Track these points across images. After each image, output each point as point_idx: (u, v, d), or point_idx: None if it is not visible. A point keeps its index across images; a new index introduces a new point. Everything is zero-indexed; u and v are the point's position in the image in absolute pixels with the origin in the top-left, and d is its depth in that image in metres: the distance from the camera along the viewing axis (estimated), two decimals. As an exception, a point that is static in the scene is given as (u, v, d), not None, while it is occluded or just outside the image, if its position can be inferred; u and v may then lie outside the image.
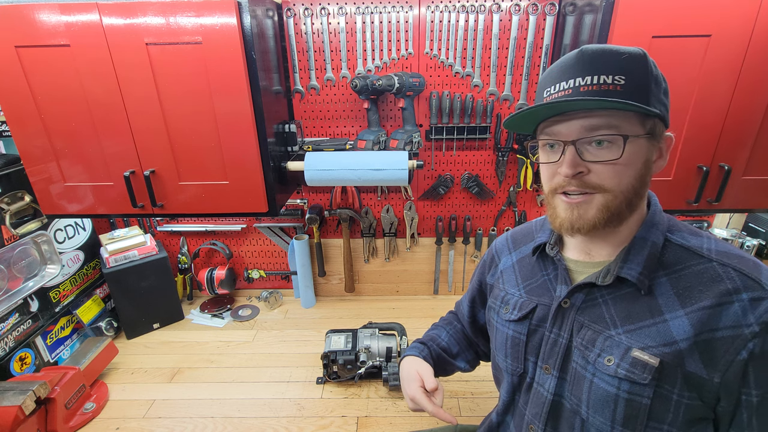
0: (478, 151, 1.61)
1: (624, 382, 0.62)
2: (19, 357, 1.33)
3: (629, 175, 0.62)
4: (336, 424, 1.21)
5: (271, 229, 1.80)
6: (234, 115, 1.18)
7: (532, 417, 0.75)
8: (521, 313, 0.77)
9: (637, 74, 0.59)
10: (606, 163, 0.61)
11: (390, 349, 1.37)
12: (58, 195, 1.29)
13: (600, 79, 0.59)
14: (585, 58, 0.61)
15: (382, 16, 1.43)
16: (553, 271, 0.77)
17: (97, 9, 1.08)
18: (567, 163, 0.62)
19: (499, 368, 0.83)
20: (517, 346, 0.78)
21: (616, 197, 0.62)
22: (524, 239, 0.87)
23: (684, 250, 0.65)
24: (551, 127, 0.65)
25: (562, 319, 0.71)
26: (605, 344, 0.65)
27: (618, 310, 0.66)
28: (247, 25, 1.11)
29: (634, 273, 0.65)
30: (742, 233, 1.77)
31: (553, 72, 0.64)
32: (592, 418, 0.66)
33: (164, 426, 1.22)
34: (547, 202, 0.70)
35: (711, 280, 0.61)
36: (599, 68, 0.59)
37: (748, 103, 1.13)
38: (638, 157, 0.62)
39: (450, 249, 1.79)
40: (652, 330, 0.62)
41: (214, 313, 1.76)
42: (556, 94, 0.63)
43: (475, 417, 1.23)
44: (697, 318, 0.59)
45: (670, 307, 0.62)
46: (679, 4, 1.05)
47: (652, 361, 0.60)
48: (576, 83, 0.61)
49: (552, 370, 0.72)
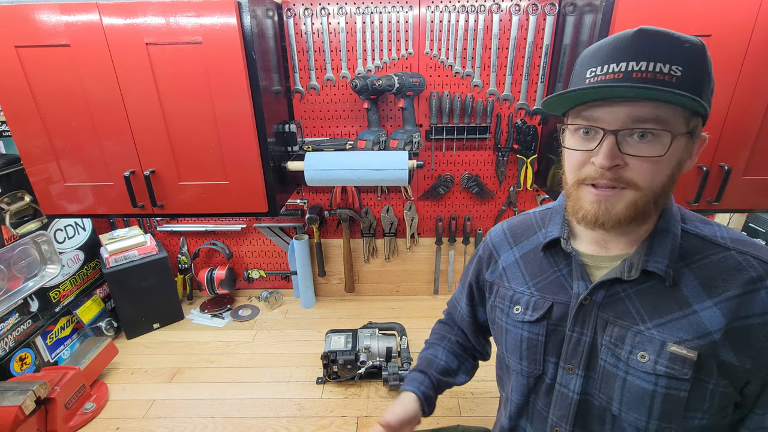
0: (478, 151, 1.61)
1: (662, 378, 0.61)
2: (19, 357, 1.33)
3: (664, 174, 0.59)
4: (336, 424, 1.21)
5: (271, 229, 1.81)
6: (234, 115, 1.18)
7: (558, 419, 0.72)
8: (538, 314, 0.73)
9: (695, 67, 0.55)
10: (646, 159, 0.57)
11: (390, 349, 1.37)
12: (58, 195, 1.29)
13: (656, 67, 0.54)
14: (643, 40, 0.55)
15: (382, 16, 1.43)
16: (566, 266, 0.73)
17: (97, 9, 1.08)
18: (605, 154, 0.57)
19: (509, 369, 0.80)
20: (534, 348, 0.74)
21: (645, 195, 0.59)
22: (525, 233, 0.82)
23: (700, 240, 0.65)
24: (591, 111, 0.59)
25: (584, 317, 0.68)
26: (636, 340, 0.63)
27: (643, 303, 0.64)
28: (247, 25, 1.11)
29: (662, 266, 0.62)
30: (742, 233, 1.77)
31: (602, 50, 0.58)
32: (625, 414, 0.64)
33: (164, 426, 1.22)
34: (569, 193, 0.65)
35: (733, 269, 0.61)
36: (657, 54, 0.54)
37: (748, 103, 1.13)
38: (677, 156, 0.59)
39: (450, 249, 1.79)
40: (684, 322, 0.61)
41: (214, 313, 1.76)
42: (603, 76, 0.57)
43: (475, 417, 1.23)
44: (727, 308, 0.59)
45: (698, 298, 0.61)
46: (679, 4, 1.05)
47: (691, 354, 0.59)
48: (629, 67, 0.55)
49: (576, 370, 0.69)
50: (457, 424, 1.11)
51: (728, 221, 1.79)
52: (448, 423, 1.18)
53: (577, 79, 0.62)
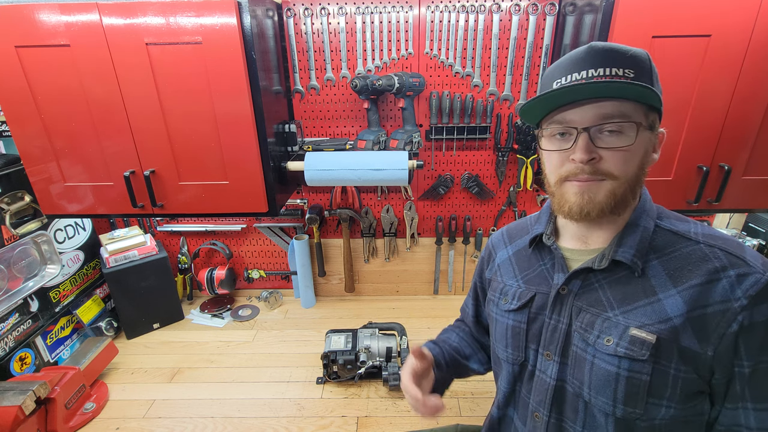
0: (478, 151, 1.61)
1: (624, 360, 0.64)
2: (19, 357, 1.33)
3: (635, 164, 0.65)
4: (336, 424, 1.21)
5: (271, 229, 1.81)
6: (234, 115, 1.18)
7: (537, 404, 0.76)
8: (520, 302, 0.79)
9: (644, 70, 0.63)
10: (618, 150, 0.63)
11: (390, 349, 1.37)
12: (58, 195, 1.29)
13: (612, 71, 0.61)
14: (596, 53, 0.63)
15: (382, 16, 1.43)
16: (550, 260, 0.78)
17: (97, 9, 1.08)
18: (581, 149, 0.64)
19: (499, 359, 0.84)
20: (517, 335, 0.79)
21: (622, 184, 0.65)
22: (520, 233, 0.89)
23: (673, 235, 0.69)
24: (562, 114, 0.66)
25: (561, 305, 0.73)
26: (604, 326, 0.67)
27: (614, 292, 0.68)
28: (247, 25, 1.11)
29: (628, 255, 0.67)
30: (742, 233, 1.77)
31: (562, 65, 0.66)
32: (594, 399, 0.67)
33: (164, 426, 1.22)
34: (553, 192, 0.71)
35: (699, 260, 0.65)
36: (609, 62, 0.62)
37: (748, 103, 1.13)
38: (643, 146, 0.65)
39: (450, 249, 1.79)
40: (648, 309, 0.65)
41: (214, 313, 1.76)
42: (568, 84, 0.64)
43: (475, 417, 1.23)
44: (689, 295, 0.63)
45: (663, 287, 0.65)
46: (679, 4, 1.05)
47: (650, 337, 0.63)
48: (589, 74, 0.62)
49: (553, 356, 0.73)
50: (456, 423, 1.12)
51: (728, 221, 1.79)
52: (447, 423, 1.19)
53: (545, 90, 0.68)
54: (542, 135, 0.71)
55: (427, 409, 0.76)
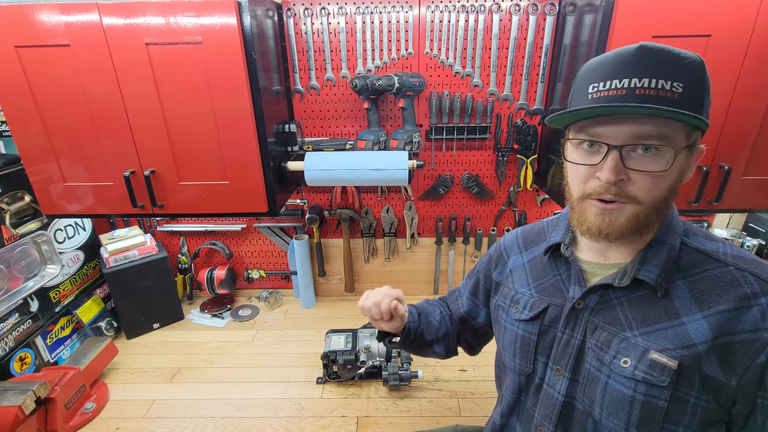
0: (478, 151, 1.61)
1: (641, 384, 0.61)
2: (19, 357, 1.33)
3: (665, 187, 0.60)
4: (336, 424, 1.21)
5: (271, 229, 1.80)
6: (234, 115, 1.18)
7: (542, 419, 0.74)
8: (532, 313, 0.76)
9: (695, 83, 0.57)
10: (649, 174, 0.58)
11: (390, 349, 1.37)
12: (58, 195, 1.29)
13: (659, 84, 0.55)
14: (645, 57, 0.56)
15: (382, 16, 1.43)
16: (565, 271, 0.75)
17: (97, 9, 1.08)
18: (610, 169, 0.58)
19: (505, 367, 0.82)
20: (527, 346, 0.76)
21: (646, 208, 0.61)
22: (536, 239, 0.85)
23: (700, 254, 0.65)
24: (595, 127, 0.60)
25: (575, 320, 0.70)
26: (621, 346, 0.64)
27: (633, 312, 0.65)
28: (247, 25, 1.11)
29: (652, 275, 0.63)
30: (742, 233, 1.77)
31: (604, 65, 0.60)
32: (605, 420, 0.65)
33: (164, 426, 1.22)
34: (573, 206, 0.67)
35: (729, 284, 0.60)
36: (658, 71, 0.56)
37: (748, 103, 1.13)
38: (678, 169, 0.60)
39: (450, 249, 1.79)
40: (670, 332, 0.61)
41: (214, 313, 1.76)
42: (606, 91, 0.58)
43: (475, 417, 1.23)
44: (716, 321, 0.59)
45: (687, 310, 0.61)
46: (679, 4, 1.05)
47: (671, 363, 0.60)
48: (632, 84, 0.56)
49: (564, 372, 0.71)
50: (456, 423, 1.12)
51: (728, 221, 1.79)
52: (447, 423, 1.19)
53: (579, 92, 0.63)
54: (568, 141, 0.66)
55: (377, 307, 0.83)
